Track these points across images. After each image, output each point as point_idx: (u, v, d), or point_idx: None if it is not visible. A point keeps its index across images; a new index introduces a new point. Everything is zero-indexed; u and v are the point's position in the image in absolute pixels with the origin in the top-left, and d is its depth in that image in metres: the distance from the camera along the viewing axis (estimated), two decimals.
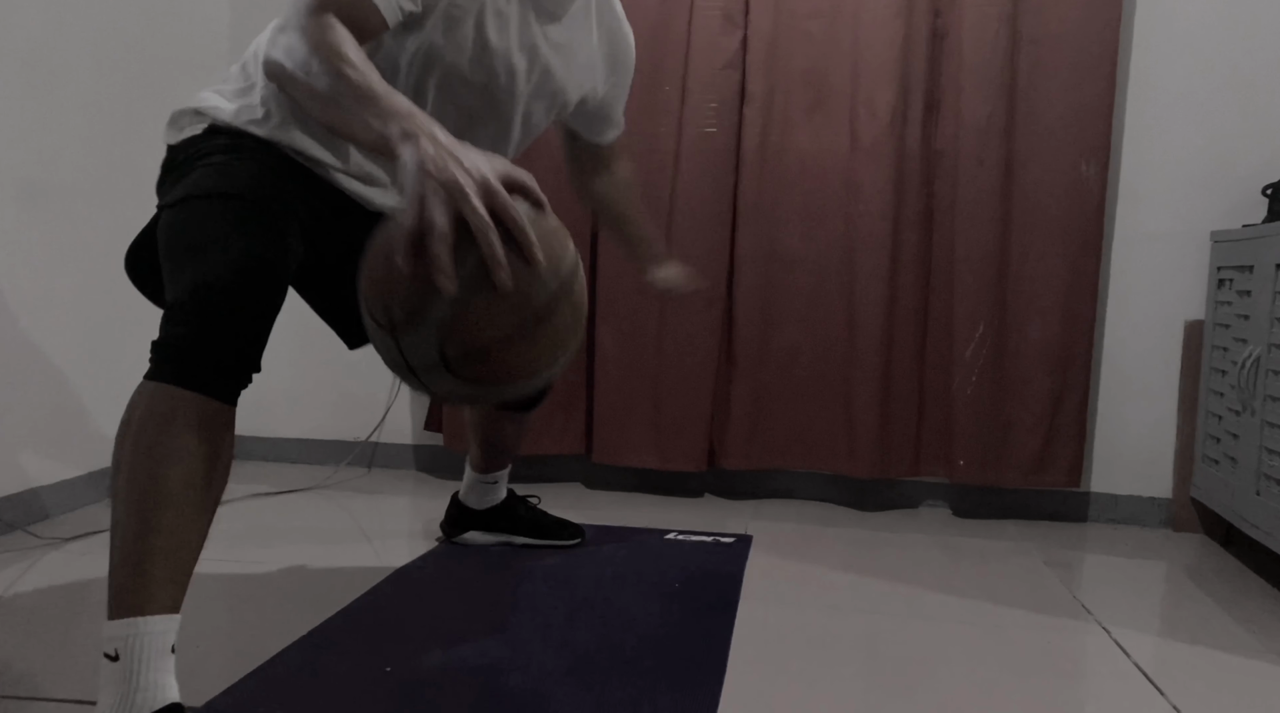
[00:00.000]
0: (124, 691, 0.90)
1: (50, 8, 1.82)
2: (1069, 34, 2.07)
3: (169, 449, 0.94)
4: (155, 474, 0.93)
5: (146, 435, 0.94)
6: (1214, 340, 2.02)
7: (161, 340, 1.00)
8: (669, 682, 1.21)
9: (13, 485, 1.78)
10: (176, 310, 0.99)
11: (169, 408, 0.95)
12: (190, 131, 1.17)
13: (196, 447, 0.95)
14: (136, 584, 0.91)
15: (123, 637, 0.90)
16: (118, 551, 0.93)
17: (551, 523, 1.81)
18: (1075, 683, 1.28)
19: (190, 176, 1.11)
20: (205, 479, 0.96)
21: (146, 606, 0.91)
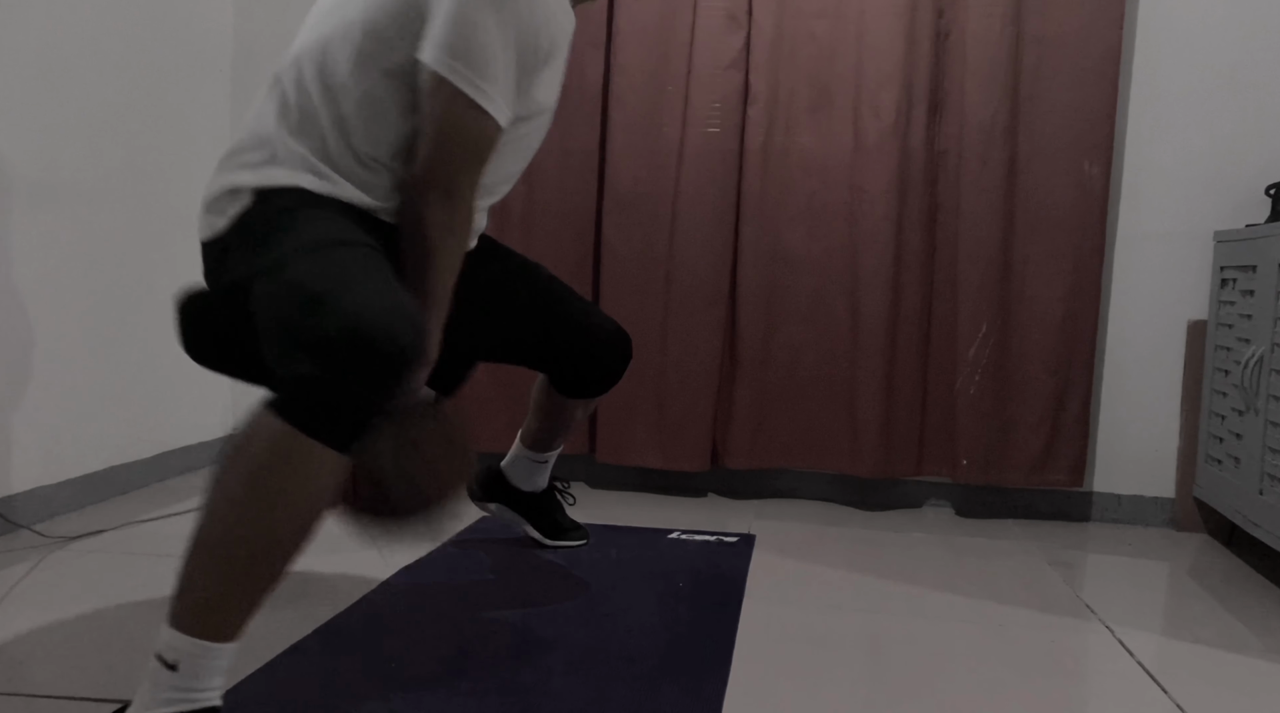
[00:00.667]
0: (173, 698, 0.91)
1: (56, 11, 1.82)
2: (1072, 34, 2.07)
3: (290, 499, 0.91)
4: (271, 521, 0.91)
5: (271, 479, 0.90)
6: (1217, 340, 2.02)
7: (301, 377, 0.91)
8: (673, 681, 1.21)
9: (18, 485, 1.78)
10: (322, 348, 0.90)
11: (300, 458, 0.90)
12: (237, 207, 1.12)
13: (316, 500, 0.93)
14: (220, 613, 0.91)
15: (189, 654, 0.91)
16: (209, 576, 0.91)
17: (567, 525, 1.81)
18: (1079, 682, 1.28)
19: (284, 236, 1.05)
20: (314, 528, 0.95)
21: (223, 633, 0.92)
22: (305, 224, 1.06)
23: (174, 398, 2.25)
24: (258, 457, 0.90)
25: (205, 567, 0.92)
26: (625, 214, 2.21)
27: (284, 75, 1.18)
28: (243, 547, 0.90)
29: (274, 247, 1.04)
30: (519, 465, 1.74)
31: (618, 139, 2.19)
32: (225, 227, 1.13)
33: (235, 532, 0.90)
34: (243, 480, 0.91)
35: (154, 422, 2.18)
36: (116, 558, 1.64)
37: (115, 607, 1.41)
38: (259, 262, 1.05)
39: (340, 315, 0.90)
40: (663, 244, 2.20)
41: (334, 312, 0.91)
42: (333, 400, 0.90)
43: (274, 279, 1.00)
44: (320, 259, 0.99)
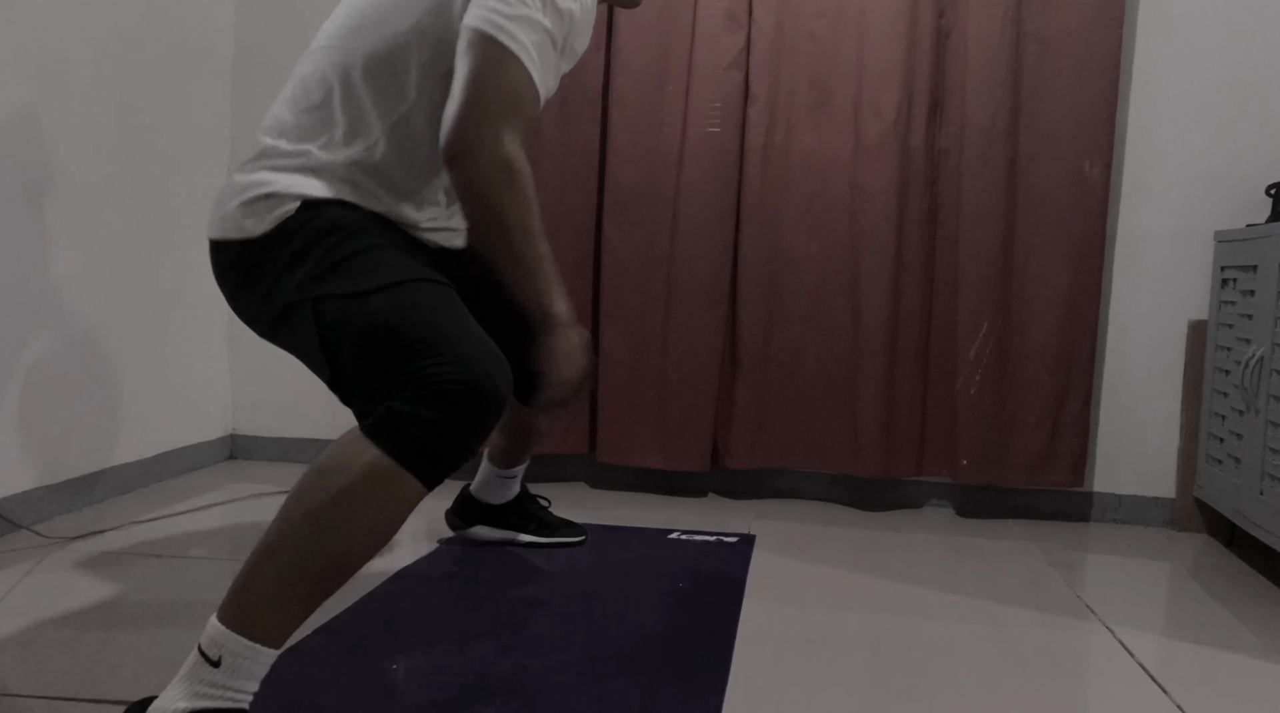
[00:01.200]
0: (210, 693, 0.92)
1: (57, 11, 1.82)
2: (1073, 34, 2.07)
3: (372, 523, 0.95)
4: (349, 540, 0.94)
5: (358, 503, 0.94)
6: (1218, 340, 2.02)
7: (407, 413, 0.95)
8: (673, 681, 1.21)
9: (18, 485, 1.78)
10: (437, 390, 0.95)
11: (394, 491, 0.95)
12: (279, 213, 1.10)
13: (392, 529, 0.97)
14: (276, 619, 0.93)
15: (236, 653, 0.92)
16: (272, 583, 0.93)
17: (557, 523, 1.81)
18: (1079, 682, 1.28)
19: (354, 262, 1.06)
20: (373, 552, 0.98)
21: (273, 638, 0.94)
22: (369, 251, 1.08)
23: (173, 399, 2.25)
24: (350, 479, 0.94)
25: (273, 572, 0.94)
26: (625, 214, 2.20)
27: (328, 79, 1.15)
28: (317, 561, 0.94)
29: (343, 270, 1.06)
30: (489, 485, 1.76)
31: (618, 139, 2.19)
32: (263, 231, 1.10)
33: (313, 545, 0.93)
34: (330, 498, 0.94)
35: (153, 422, 2.18)
36: (116, 558, 1.64)
37: (115, 607, 1.41)
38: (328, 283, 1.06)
39: (456, 363, 0.97)
40: (663, 244, 2.20)
41: (448, 358, 0.97)
42: (437, 440, 0.95)
43: (360, 310, 1.03)
44: (410, 296, 1.04)
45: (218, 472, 2.33)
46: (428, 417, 0.95)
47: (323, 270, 1.07)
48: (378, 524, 0.96)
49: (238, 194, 1.13)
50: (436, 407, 0.95)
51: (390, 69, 1.14)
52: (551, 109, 2.20)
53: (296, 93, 1.18)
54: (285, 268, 1.08)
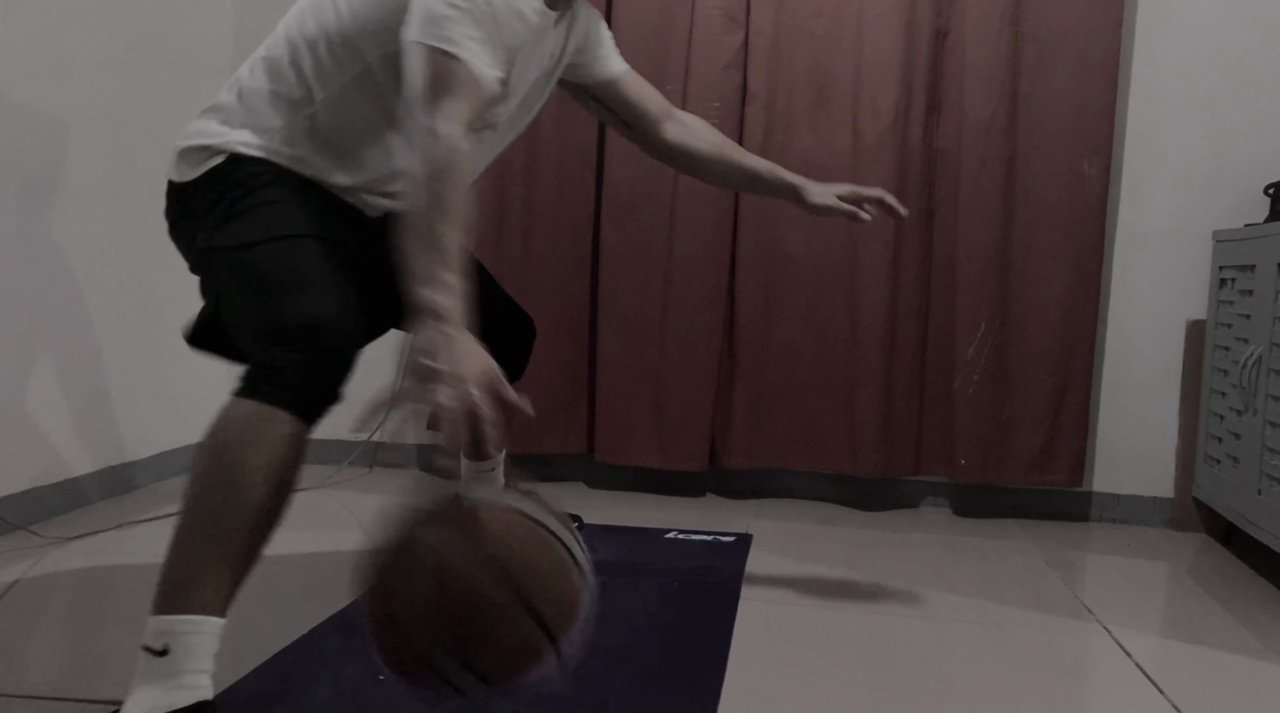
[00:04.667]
0: (168, 685, 0.92)
1: (56, 10, 1.82)
2: (1071, 33, 2.06)
3: (259, 465, 0.98)
4: (243, 486, 0.97)
5: (242, 449, 0.98)
6: (1216, 340, 2.01)
7: (268, 364, 1.01)
8: (669, 681, 1.21)
9: (15, 485, 1.78)
10: (286, 338, 1.02)
11: (269, 429, 0.99)
12: (209, 165, 1.17)
13: (282, 468, 1.00)
14: (200, 586, 0.95)
15: (177, 633, 0.93)
16: (186, 551, 0.97)
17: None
18: (1076, 682, 1.28)
19: (251, 216, 1.12)
20: (282, 498, 1.01)
21: (205, 606, 0.94)
22: (267, 207, 1.13)
23: (171, 398, 2.24)
24: (227, 433, 0.99)
25: (188, 542, 0.97)
26: (623, 214, 2.20)
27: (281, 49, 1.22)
28: (225, 518, 0.96)
29: (234, 222, 1.12)
30: (469, 482, 1.74)
31: (616, 139, 2.19)
32: (192, 177, 1.18)
33: (208, 505, 0.97)
34: (216, 456, 0.98)
35: (151, 422, 2.18)
36: (114, 559, 1.64)
37: (111, 608, 1.41)
38: (223, 234, 1.12)
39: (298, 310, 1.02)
40: (661, 244, 2.20)
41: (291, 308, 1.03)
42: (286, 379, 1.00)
43: (238, 262, 1.10)
44: (282, 251, 1.09)
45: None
46: (289, 360, 1.01)
47: (222, 222, 1.14)
48: (268, 466, 0.98)
49: (184, 139, 1.20)
50: (287, 348, 1.01)
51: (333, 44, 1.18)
52: (549, 109, 2.19)
53: (256, 56, 1.25)
54: (201, 216, 1.16)
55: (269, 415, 0.99)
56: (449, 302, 0.95)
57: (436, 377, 0.89)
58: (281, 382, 1.00)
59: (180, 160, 1.20)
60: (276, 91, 1.19)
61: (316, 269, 1.09)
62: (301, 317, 1.03)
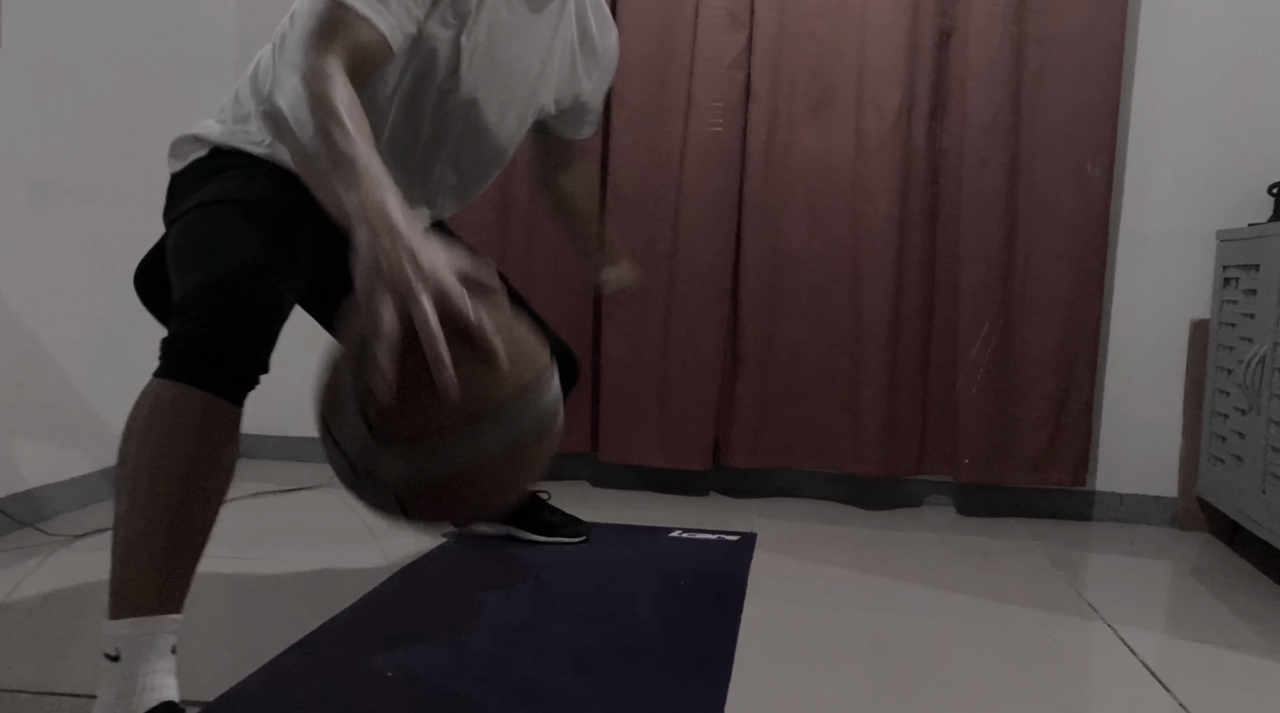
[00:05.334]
0: (124, 689, 0.89)
1: (60, 11, 1.83)
2: (1074, 33, 2.07)
3: (175, 448, 0.92)
4: (161, 473, 0.92)
5: (153, 433, 0.92)
6: (1220, 339, 2.02)
7: (170, 337, 0.97)
8: (676, 679, 1.21)
9: (23, 483, 1.79)
10: (185, 308, 0.98)
11: (176, 407, 0.93)
12: (193, 156, 1.20)
13: (200, 446, 0.93)
14: (140, 585, 0.91)
15: (125, 637, 0.90)
16: (121, 549, 0.92)
17: (559, 520, 1.81)
18: (1081, 680, 1.28)
19: (202, 189, 1.13)
20: (210, 479, 0.95)
21: (150, 606, 0.90)
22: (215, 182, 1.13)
23: None
24: (145, 417, 0.93)
25: (124, 542, 0.92)
26: (627, 213, 2.21)
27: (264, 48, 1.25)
28: (156, 510, 0.91)
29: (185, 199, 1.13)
30: None
31: (620, 138, 2.19)
32: (178, 168, 1.21)
33: (134, 495, 0.91)
34: (138, 444, 0.93)
35: None
36: None
37: None
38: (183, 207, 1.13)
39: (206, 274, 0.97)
40: (665, 243, 2.20)
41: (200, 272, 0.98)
42: (194, 347, 0.94)
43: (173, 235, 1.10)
44: (199, 221, 1.07)
45: None
46: (185, 331, 0.95)
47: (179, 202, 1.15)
48: (193, 450, 0.92)
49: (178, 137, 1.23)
50: (187, 320, 0.96)
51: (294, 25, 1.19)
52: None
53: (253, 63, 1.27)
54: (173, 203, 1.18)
55: (179, 395, 0.92)
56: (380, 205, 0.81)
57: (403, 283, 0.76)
58: (184, 355, 0.94)
59: (171, 153, 1.24)
60: (254, 82, 1.22)
61: (228, 232, 1.03)
62: (199, 283, 0.97)
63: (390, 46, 1.03)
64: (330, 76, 0.92)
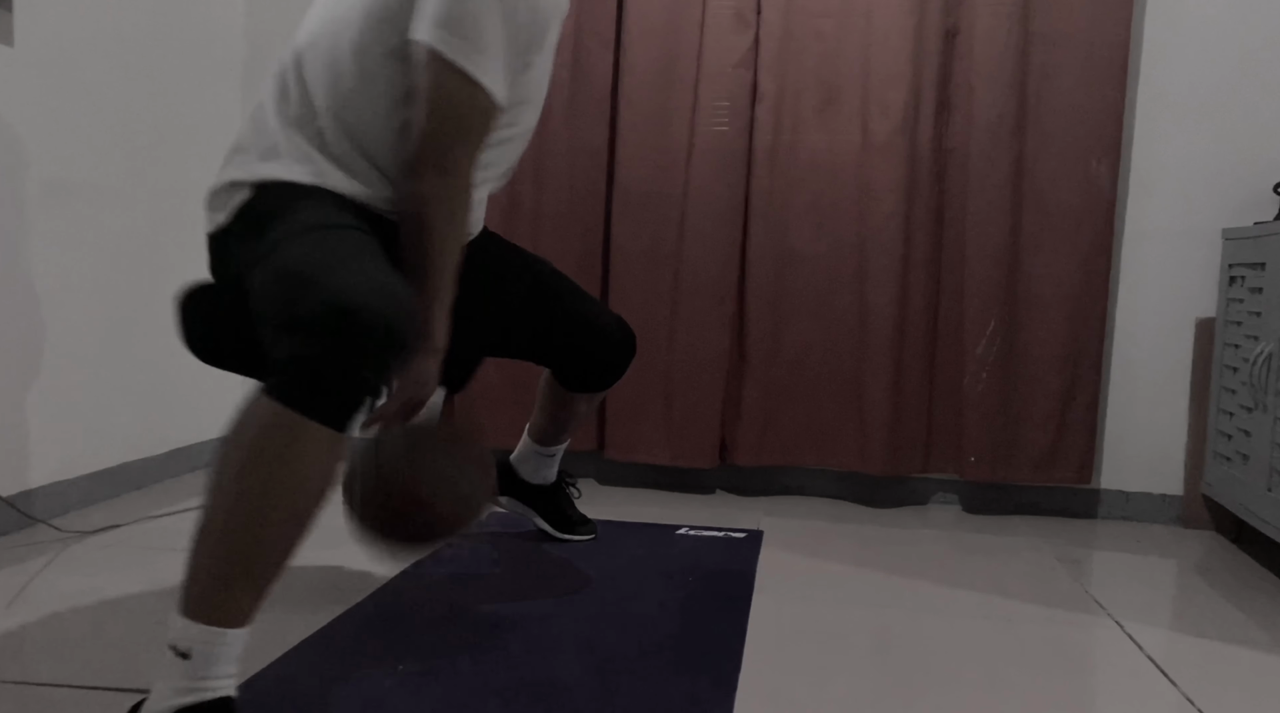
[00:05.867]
0: (187, 688, 0.92)
1: (69, 12, 1.84)
2: (1080, 32, 2.07)
3: (289, 480, 0.91)
4: (268, 499, 0.91)
5: (265, 457, 0.90)
6: (1225, 337, 2.02)
7: (291, 359, 0.91)
8: (686, 674, 1.22)
9: (35, 480, 1.80)
10: (307, 327, 0.91)
11: (292, 435, 0.90)
12: (237, 200, 1.14)
13: (315, 481, 0.93)
14: (229, 598, 0.91)
15: (201, 640, 0.91)
16: (215, 561, 0.92)
17: (576, 519, 1.83)
18: (1089, 676, 1.29)
19: (279, 224, 1.07)
20: (313, 506, 0.94)
21: (233, 619, 0.92)
22: (295, 213, 1.09)
23: (185, 395, 2.26)
24: (252, 440, 0.91)
25: (210, 553, 0.92)
26: (634, 212, 2.22)
27: (286, 67, 1.20)
28: (249, 531, 0.91)
29: (267, 237, 1.07)
30: (528, 460, 1.76)
31: (627, 138, 2.20)
32: (226, 219, 1.15)
33: (235, 517, 0.91)
34: (239, 465, 0.91)
35: (166, 419, 2.20)
36: (131, 552, 1.66)
37: (131, 599, 1.43)
38: (253, 253, 1.07)
39: (324, 292, 0.91)
40: (671, 242, 2.21)
41: (318, 290, 0.92)
42: (322, 377, 0.90)
43: (263, 267, 1.03)
44: (306, 242, 1.01)
45: None
46: (304, 355, 0.90)
47: (254, 241, 1.09)
48: (299, 478, 0.91)
49: (211, 190, 1.18)
50: (309, 344, 0.90)
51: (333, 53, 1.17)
52: (560, 108, 2.21)
53: (266, 86, 1.23)
54: (239, 249, 1.12)
55: (294, 423, 0.90)
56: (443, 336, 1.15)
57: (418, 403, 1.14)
58: (304, 382, 0.90)
59: (210, 209, 1.17)
60: (283, 111, 1.17)
61: (342, 252, 0.99)
62: (326, 302, 0.90)
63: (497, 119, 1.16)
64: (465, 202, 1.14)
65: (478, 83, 1.09)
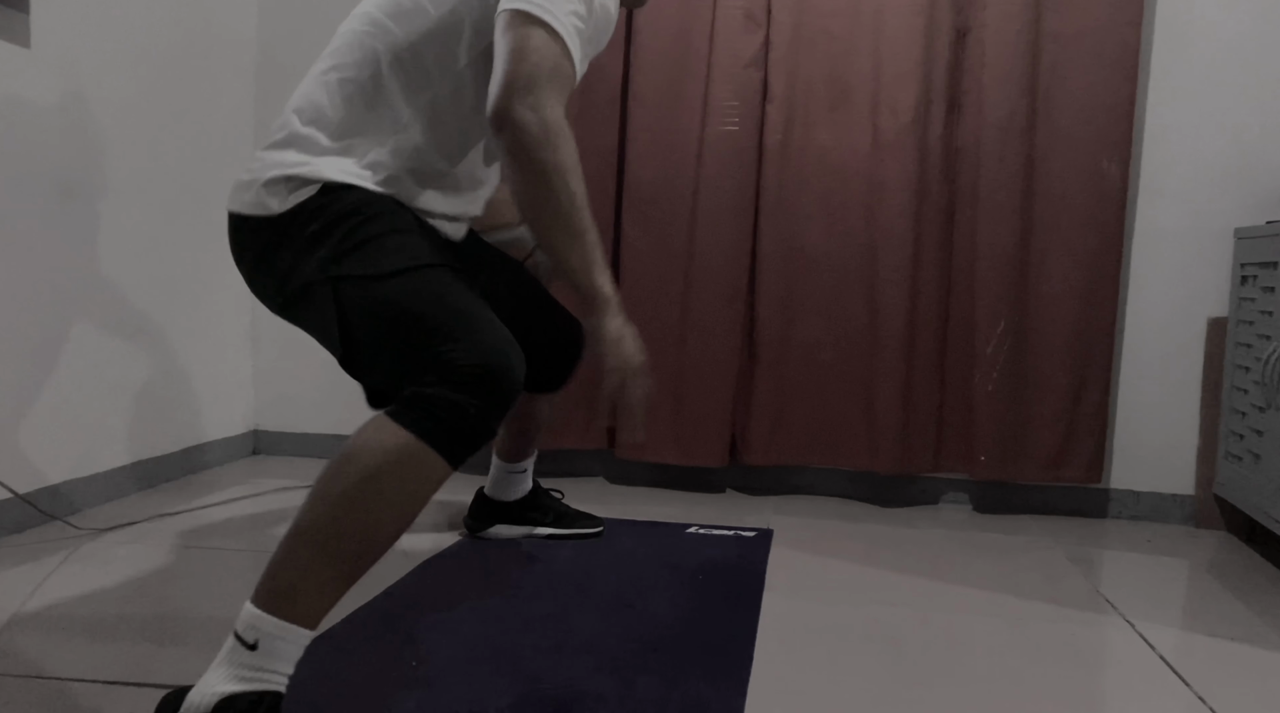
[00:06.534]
0: (247, 677, 0.94)
1: (86, 14, 1.86)
2: (1091, 31, 2.07)
3: (404, 503, 0.97)
4: (375, 519, 0.96)
5: (386, 480, 0.96)
6: (1237, 337, 2.01)
7: (435, 400, 0.98)
8: (697, 672, 1.22)
9: (52, 477, 1.82)
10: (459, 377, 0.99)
11: (419, 468, 0.97)
12: (300, 196, 1.13)
13: (418, 507, 0.99)
14: (310, 600, 0.95)
15: (271, 634, 0.94)
16: (313, 562, 0.95)
17: (573, 514, 1.83)
18: (1100, 674, 1.29)
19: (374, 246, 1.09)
20: (404, 530, 1.00)
21: (307, 620, 0.96)
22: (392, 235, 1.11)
23: (199, 395, 2.28)
24: (379, 461, 0.96)
25: (306, 554, 0.96)
26: (644, 211, 2.22)
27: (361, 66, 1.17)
28: (349, 541, 0.96)
29: (362, 252, 1.09)
30: (501, 482, 1.79)
31: (637, 136, 2.21)
32: (282, 209, 1.13)
33: (345, 526, 0.95)
34: (360, 480, 0.96)
35: (180, 417, 2.21)
36: (148, 548, 1.67)
37: (147, 595, 1.44)
38: (348, 264, 1.09)
39: (478, 348, 1.01)
40: (681, 241, 2.21)
41: (470, 343, 1.01)
42: (462, 422, 0.98)
43: (379, 292, 1.07)
44: (427, 280, 1.08)
45: (241, 466, 2.36)
46: (454, 400, 0.98)
47: (343, 252, 1.10)
48: (405, 503, 0.98)
49: (264, 171, 1.15)
50: (462, 390, 0.98)
51: (418, 55, 1.17)
52: (570, 106, 2.22)
53: (330, 79, 1.19)
54: (305, 248, 1.11)
55: (423, 455, 0.96)
56: (612, 289, 1.11)
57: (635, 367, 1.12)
58: (447, 423, 0.97)
59: (266, 193, 1.14)
60: (362, 114, 1.16)
61: (473, 304, 1.07)
62: (478, 359, 0.99)
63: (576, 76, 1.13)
64: (568, 136, 1.06)
65: (563, 39, 1.07)
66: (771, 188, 2.19)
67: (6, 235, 1.69)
